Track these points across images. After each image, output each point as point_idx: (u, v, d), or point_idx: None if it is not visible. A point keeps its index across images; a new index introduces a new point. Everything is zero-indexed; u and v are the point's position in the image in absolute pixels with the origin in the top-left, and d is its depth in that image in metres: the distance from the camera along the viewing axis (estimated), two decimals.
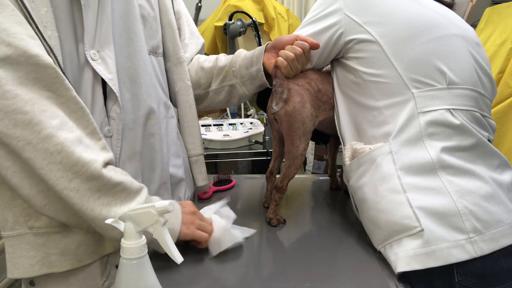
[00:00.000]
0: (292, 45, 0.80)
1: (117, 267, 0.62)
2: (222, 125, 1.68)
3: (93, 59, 0.66)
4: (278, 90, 0.79)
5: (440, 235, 0.63)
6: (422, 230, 0.64)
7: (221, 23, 1.91)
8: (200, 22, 2.04)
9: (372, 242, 0.74)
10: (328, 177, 1.09)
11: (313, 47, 0.79)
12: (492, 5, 1.46)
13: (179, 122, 0.96)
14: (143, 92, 0.77)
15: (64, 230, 0.66)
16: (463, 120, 0.70)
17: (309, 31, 0.81)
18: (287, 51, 0.79)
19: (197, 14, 1.91)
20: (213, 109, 1.15)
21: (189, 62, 0.96)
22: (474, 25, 1.40)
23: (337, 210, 0.93)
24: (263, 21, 2.02)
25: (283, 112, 0.79)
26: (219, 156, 1.56)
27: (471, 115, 0.72)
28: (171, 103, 0.92)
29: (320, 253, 0.73)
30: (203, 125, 1.65)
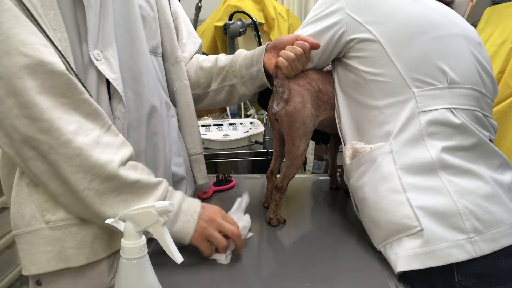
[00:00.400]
0: (292, 45, 0.80)
1: None
2: (222, 125, 1.68)
3: (97, 59, 0.67)
4: (279, 90, 0.79)
5: (440, 234, 0.63)
6: (422, 229, 0.64)
7: (221, 23, 1.91)
8: (200, 22, 2.03)
9: (372, 241, 0.74)
10: (328, 177, 1.09)
11: (314, 47, 0.79)
12: (492, 5, 1.47)
13: (178, 121, 0.96)
14: (146, 91, 0.77)
15: (81, 222, 0.67)
16: (464, 119, 0.70)
17: (310, 31, 0.81)
18: (288, 51, 0.79)
19: (197, 14, 1.90)
20: (213, 108, 1.16)
21: (187, 61, 0.96)
22: (474, 25, 1.39)
23: (337, 210, 0.93)
24: (263, 21, 2.02)
25: (284, 112, 0.79)
26: (219, 156, 1.56)
27: (472, 114, 0.72)
28: (171, 103, 0.92)
29: (320, 253, 0.73)
30: (203, 125, 1.65)
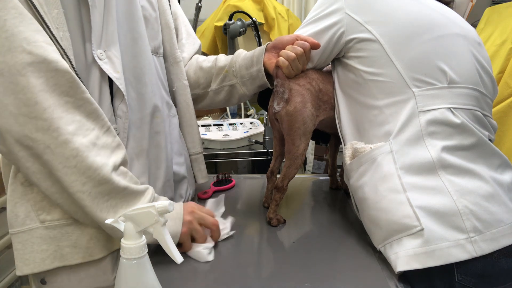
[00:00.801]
0: (292, 45, 0.80)
1: None
2: (222, 125, 1.68)
3: (100, 59, 0.67)
4: (279, 90, 0.79)
5: (440, 234, 0.63)
6: (422, 229, 0.64)
7: (221, 23, 1.91)
8: (200, 22, 2.03)
9: (372, 241, 0.74)
10: (328, 177, 1.09)
11: (314, 46, 0.79)
12: (492, 5, 1.47)
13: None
14: (148, 91, 0.78)
15: (76, 222, 0.67)
16: (464, 119, 0.70)
17: (310, 31, 0.81)
18: (288, 51, 0.79)
19: (197, 14, 1.90)
20: (213, 108, 1.16)
21: (187, 62, 0.97)
22: (474, 25, 1.39)
23: (337, 210, 0.93)
24: (263, 21, 2.02)
25: (284, 112, 0.79)
26: (219, 156, 1.56)
27: (472, 114, 0.72)
28: (172, 103, 0.92)
29: (320, 253, 0.73)
30: (203, 125, 1.65)
